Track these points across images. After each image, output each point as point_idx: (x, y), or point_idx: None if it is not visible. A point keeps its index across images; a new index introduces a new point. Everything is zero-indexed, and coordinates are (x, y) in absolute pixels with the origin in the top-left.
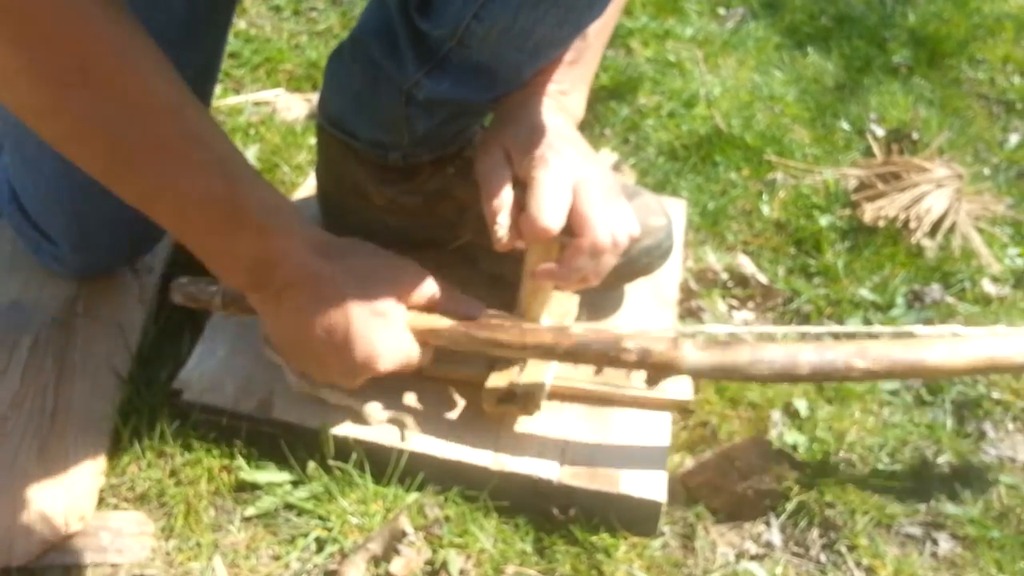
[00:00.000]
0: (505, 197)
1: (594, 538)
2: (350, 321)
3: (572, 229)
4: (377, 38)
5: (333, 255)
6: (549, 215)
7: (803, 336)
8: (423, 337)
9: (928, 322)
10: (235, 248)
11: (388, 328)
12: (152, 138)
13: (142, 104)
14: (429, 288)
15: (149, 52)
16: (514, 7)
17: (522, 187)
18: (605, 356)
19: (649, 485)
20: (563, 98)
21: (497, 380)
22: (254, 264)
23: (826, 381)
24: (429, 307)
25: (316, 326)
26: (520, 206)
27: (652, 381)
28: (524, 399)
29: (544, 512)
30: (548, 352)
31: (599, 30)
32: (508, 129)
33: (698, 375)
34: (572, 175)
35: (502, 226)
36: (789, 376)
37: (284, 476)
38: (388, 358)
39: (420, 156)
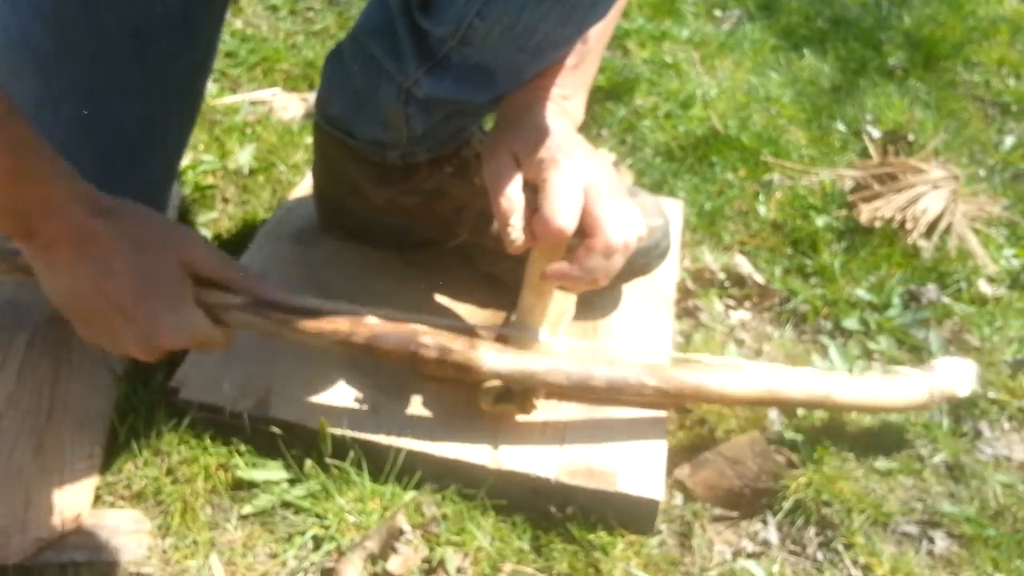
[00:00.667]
0: (516, 199)
1: (591, 536)
2: (130, 287)
3: (584, 230)
4: (377, 36)
5: (106, 214)
6: (563, 216)
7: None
8: (216, 314)
9: (924, 322)
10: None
11: (173, 298)
12: None
13: None
14: (218, 261)
15: None
16: (518, 5)
17: (532, 190)
18: (403, 350)
19: (646, 483)
20: (565, 102)
21: (493, 379)
22: (14, 210)
23: (616, 396)
24: (218, 283)
25: (92, 287)
26: (532, 208)
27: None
28: (521, 397)
29: (542, 510)
30: (343, 342)
31: (599, 34)
32: (514, 133)
33: (497, 379)
34: (583, 176)
35: (515, 228)
36: (584, 388)
37: (281, 474)
38: (177, 331)
39: (418, 155)
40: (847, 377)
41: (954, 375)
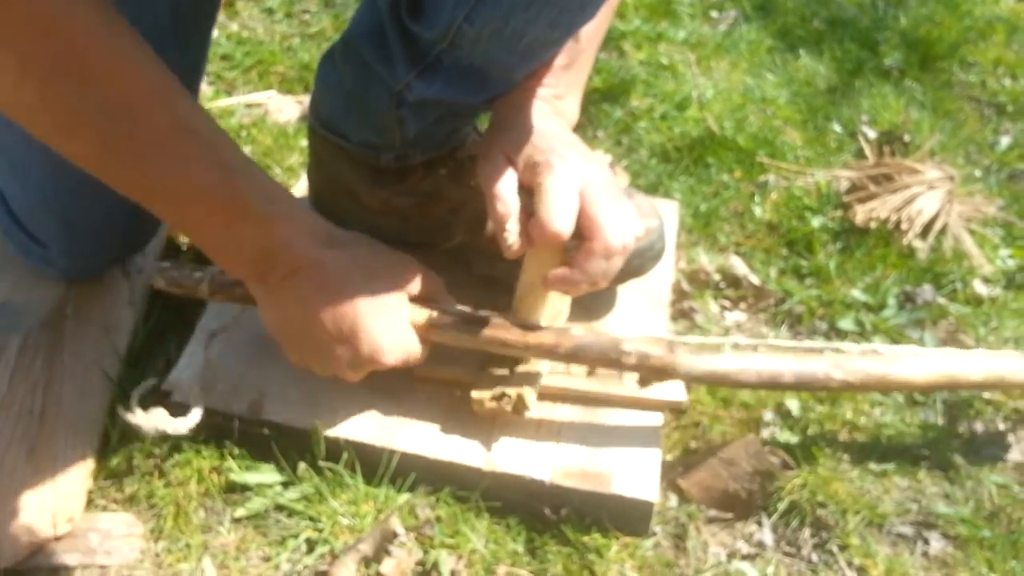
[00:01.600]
0: (512, 203)
1: (586, 538)
2: (357, 312)
3: (582, 232)
4: (368, 40)
5: (336, 244)
6: (560, 220)
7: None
8: (424, 332)
9: (920, 323)
10: (237, 238)
11: (394, 322)
12: (143, 129)
13: (131, 95)
14: (430, 283)
15: (135, 43)
16: (505, 9)
17: (528, 193)
18: (605, 358)
19: (641, 485)
20: (558, 102)
21: (487, 381)
22: (258, 254)
23: (807, 390)
24: (427, 301)
25: (322, 316)
26: (528, 212)
27: (644, 381)
28: (514, 400)
29: (536, 512)
30: (549, 352)
31: (592, 34)
32: (508, 135)
33: (691, 380)
34: (578, 179)
35: (512, 232)
36: (774, 384)
37: (274, 477)
38: (394, 352)
39: (412, 157)
40: (1018, 357)
41: None
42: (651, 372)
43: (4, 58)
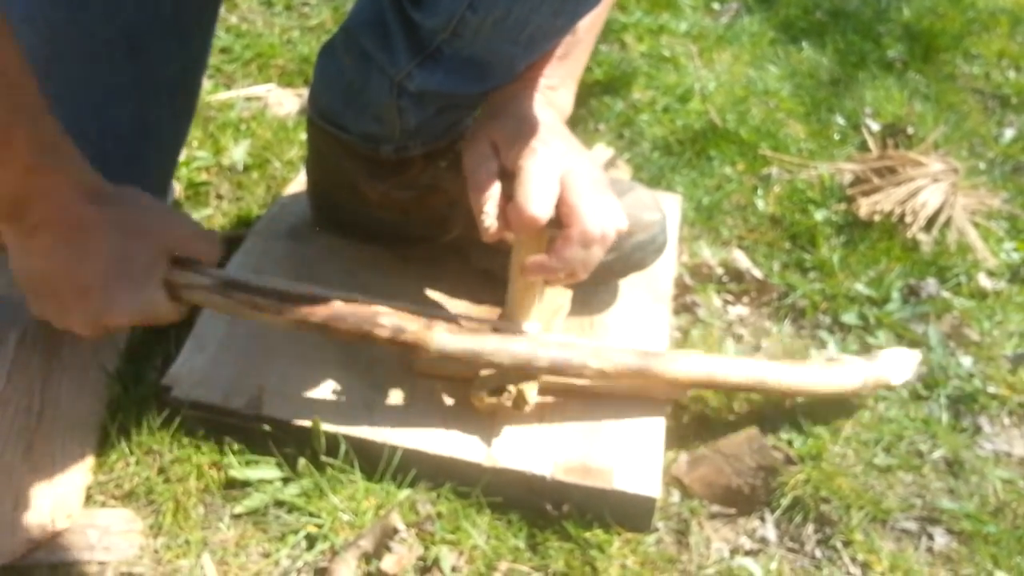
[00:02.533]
0: (492, 187)
1: (588, 534)
2: (99, 270)
3: (560, 220)
4: (369, 29)
5: (101, 201)
6: (536, 204)
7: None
8: (177, 292)
9: (924, 317)
10: None
11: (136, 280)
12: None
13: None
14: (199, 243)
15: None
16: None
17: (509, 178)
18: (359, 330)
19: (643, 481)
20: (552, 93)
21: (487, 376)
22: (13, 197)
23: (561, 375)
24: (196, 263)
25: (63, 270)
26: (508, 196)
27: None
28: (514, 395)
29: (537, 508)
30: (301, 323)
31: (589, 25)
32: (496, 121)
33: (444, 356)
34: (560, 166)
35: (489, 215)
36: (527, 367)
37: (274, 473)
38: (128, 310)
39: (411, 149)
40: (784, 365)
41: (893, 364)
42: (404, 347)
43: None
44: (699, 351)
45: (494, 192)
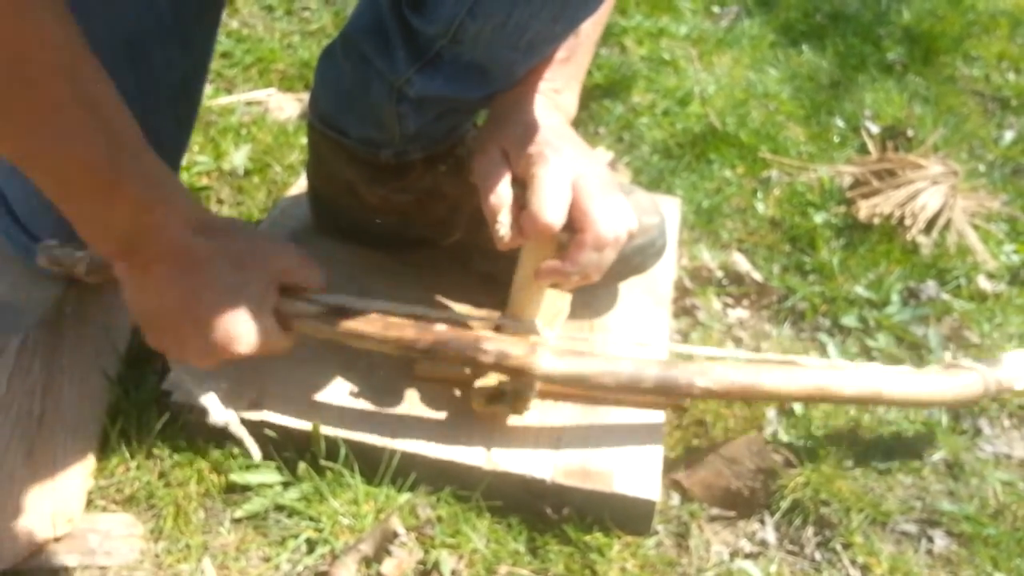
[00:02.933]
0: (504, 195)
1: (588, 537)
2: (214, 301)
3: (573, 225)
4: (368, 35)
5: (210, 233)
6: (551, 211)
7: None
8: (287, 322)
9: (924, 319)
10: (109, 217)
11: (251, 311)
12: (39, 97)
13: (32, 61)
14: (305, 272)
15: (49, 9)
16: (508, 3)
17: (521, 185)
18: (462, 356)
19: (643, 484)
20: (556, 96)
21: (487, 380)
22: (125, 235)
23: (666, 395)
24: (303, 292)
25: (179, 302)
26: (520, 204)
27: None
28: (513, 398)
29: (537, 512)
30: (408, 347)
31: (591, 28)
32: (504, 128)
33: (549, 381)
34: (571, 171)
35: (503, 224)
36: (633, 388)
37: (274, 477)
38: (246, 341)
39: (411, 154)
40: (901, 373)
41: (1018, 368)
42: (509, 372)
43: None
44: (800, 361)
45: (507, 200)
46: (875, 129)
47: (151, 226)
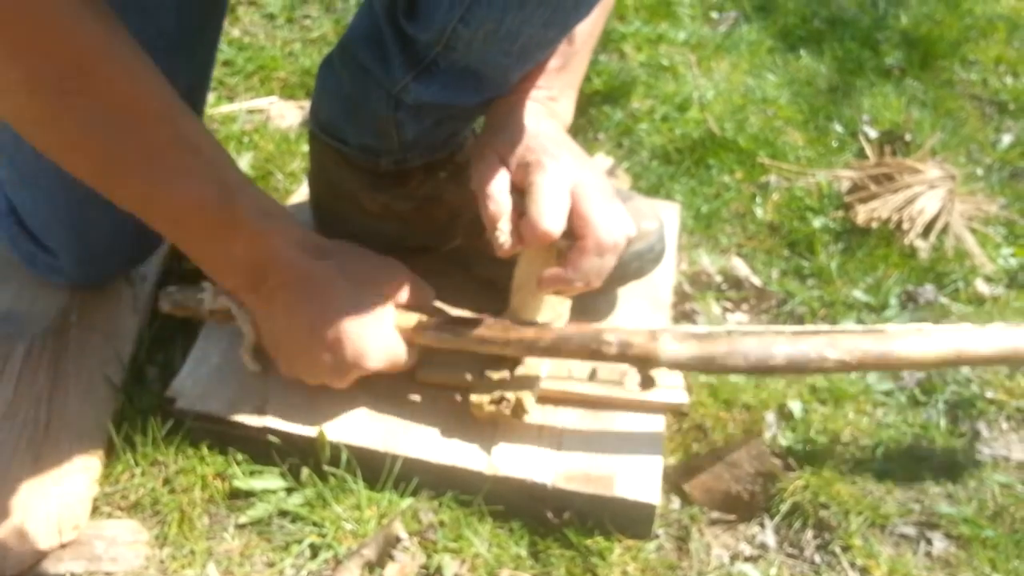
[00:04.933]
0: (504, 203)
1: (588, 541)
2: (341, 319)
3: (573, 231)
4: (365, 43)
5: (324, 255)
6: (550, 218)
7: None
8: (409, 336)
9: (922, 322)
10: (230, 251)
11: (378, 327)
12: (146, 144)
13: (137, 110)
14: (417, 288)
15: (139, 58)
16: (500, 9)
17: (520, 193)
18: (586, 349)
19: (643, 488)
20: (552, 104)
21: (486, 385)
22: (249, 267)
23: (800, 372)
24: (415, 307)
25: (308, 324)
26: (519, 212)
27: (646, 384)
28: (513, 404)
29: (538, 516)
30: (530, 347)
31: (586, 35)
32: (501, 135)
33: (676, 367)
34: (570, 178)
35: (503, 232)
36: (764, 367)
37: (278, 483)
38: (377, 356)
39: (411, 161)
40: None
41: None
42: (634, 361)
43: (13, 72)
44: (942, 326)
45: (506, 208)
46: (873, 134)
47: (270, 254)
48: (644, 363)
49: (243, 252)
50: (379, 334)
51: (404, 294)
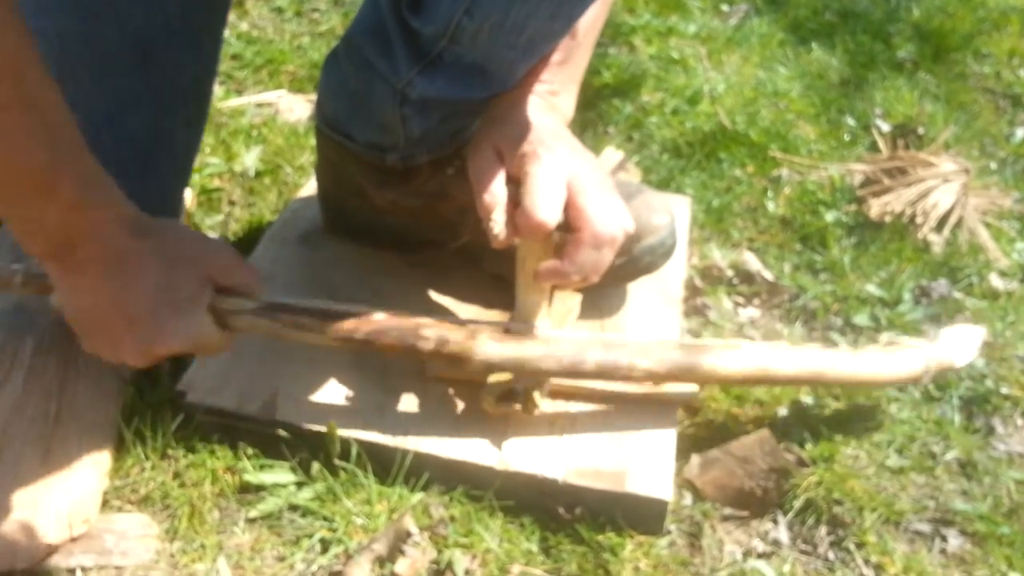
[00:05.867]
0: (499, 193)
1: (600, 537)
2: (146, 300)
3: (569, 224)
4: (370, 38)
5: (143, 234)
6: (545, 209)
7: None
8: (223, 319)
9: (936, 318)
10: (42, 218)
11: (183, 309)
12: None
13: None
14: (241, 271)
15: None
16: (505, 1)
17: (515, 184)
18: (403, 343)
19: (655, 483)
20: (553, 98)
21: (496, 379)
22: (60, 236)
23: (608, 379)
24: (239, 290)
25: (111, 303)
26: (515, 203)
27: (657, 380)
28: (524, 398)
29: (550, 511)
30: (346, 340)
31: (588, 29)
32: (498, 128)
33: (489, 368)
34: (566, 170)
35: (497, 223)
36: (574, 372)
37: (288, 477)
38: (177, 339)
39: (418, 157)
40: (842, 353)
41: (956, 345)
42: (448, 359)
43: None
44: (748, 342)
45: (501, 199)
46: (886, 127)
47: (86, 227)
48: (460, 362)
49: (56, 221)
50: (184, 314)
51: (227, 276)
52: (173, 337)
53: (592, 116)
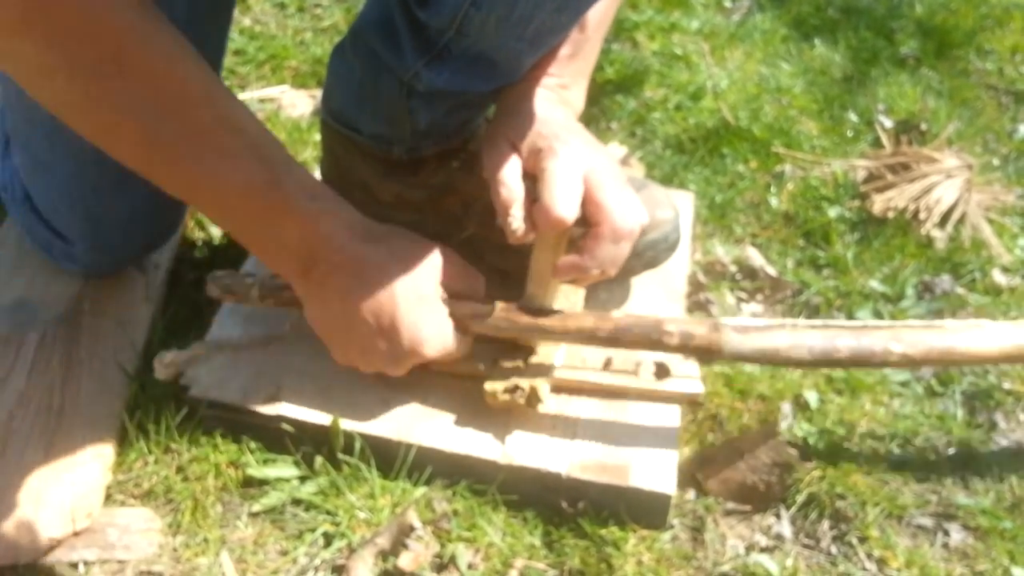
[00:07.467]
0: (516, 189)
1: (603, 531)
2: (396, 305)
3: (588, 218)
4: (377, 30)
5: (374, 239)
6: (564, 204)
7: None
8: (464, 323)
9: (939, 313)
10: (280, 235)
11: (433, 313)
12: (187, 127)
13: (175, 92)
14: (468, 275)
15: (177, 40)
16: None
17: (532, 179)
18: (647, 339)
19: (658, 478)
20: (563, 92)
21: (500, 374)
22: (300, 250)
23: (863, 366)
24: (466, 294)
25: (362, 310)
26: (532, 198)
27: (661, 374)
28: (527, 393)
29: (553, 505)
30: (590, 336)
31: (597, 23)
32: (512, 122)
33: (738, 359)
34: (582, 164)
35: (516, 218)
36: (828, 360)
37: (291, 471)
38: (433, 344)
39: (423, 150)
40: None
41: None
42: (695, 352)
43: (53, 59)
44: (1001, 323)
45: (518, 195)
46: (889, 123)
47: (321, 238)
48: (706, 354)
49: (293, 236)
50: (434, 321)
51: (456, 280)
52: (428, 344)
53: (595, 112)
